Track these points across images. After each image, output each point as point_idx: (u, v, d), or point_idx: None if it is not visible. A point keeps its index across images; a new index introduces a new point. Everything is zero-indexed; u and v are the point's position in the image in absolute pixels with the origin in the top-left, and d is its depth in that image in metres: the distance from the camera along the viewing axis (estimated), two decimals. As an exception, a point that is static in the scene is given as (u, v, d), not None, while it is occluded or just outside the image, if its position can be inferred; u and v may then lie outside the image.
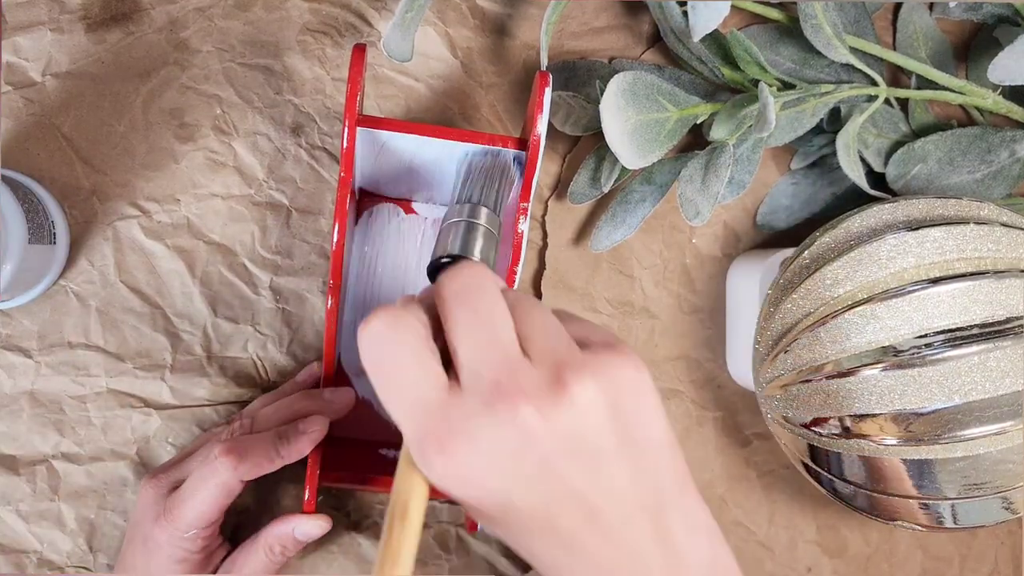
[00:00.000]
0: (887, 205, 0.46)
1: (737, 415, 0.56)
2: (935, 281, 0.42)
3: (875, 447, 0.44)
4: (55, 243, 0.50)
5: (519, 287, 0.48)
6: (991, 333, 0.42)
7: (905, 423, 0.42)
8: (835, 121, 0.53)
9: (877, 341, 0.43)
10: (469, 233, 0.40)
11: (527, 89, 0.54)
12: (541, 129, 0.44)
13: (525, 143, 0.45)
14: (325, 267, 0.53)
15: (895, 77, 0.55)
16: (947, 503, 0.44)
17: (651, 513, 0.32)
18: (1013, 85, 0.51)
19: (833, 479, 0.47)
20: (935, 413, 0.42)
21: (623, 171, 0.51)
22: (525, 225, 0.45)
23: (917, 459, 0.43)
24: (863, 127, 0.52)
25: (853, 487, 0.46)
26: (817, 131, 0.53)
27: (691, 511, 0.33)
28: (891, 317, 0.43)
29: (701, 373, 0.56)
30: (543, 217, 0.54)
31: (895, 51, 0.54)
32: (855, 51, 0.51)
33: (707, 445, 0.56)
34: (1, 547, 0.51)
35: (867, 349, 0.43)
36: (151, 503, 0.46)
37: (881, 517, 0.47)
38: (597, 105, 0.48)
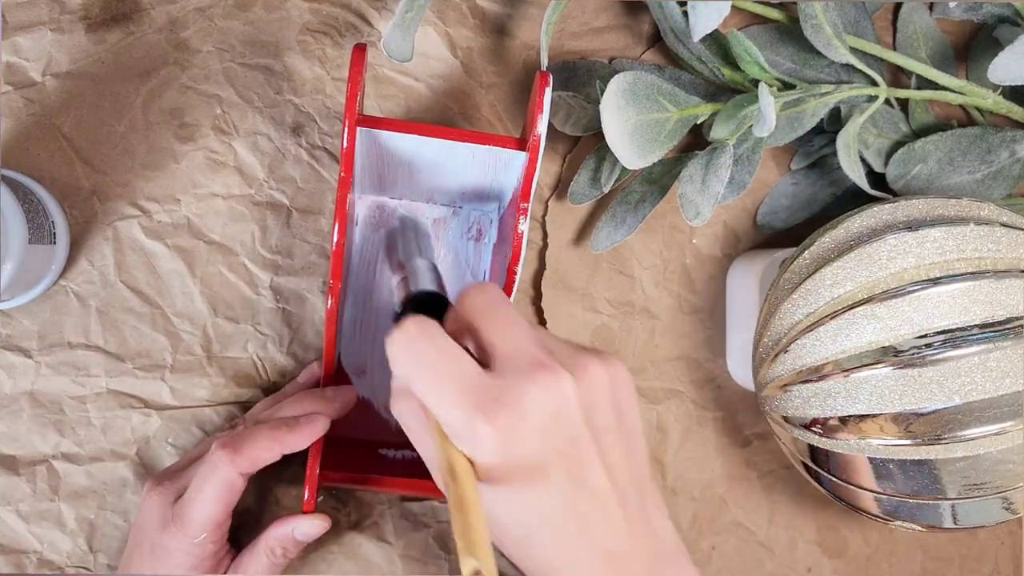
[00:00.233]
0: (887, 205, 0.46)
1: (737, 415, 0.56)
2: (935, 281, 0.42)
3: (875, 447, 0.44)
4: (55, 243, 0.50)
5: (519, 287, 0.48)
6: (991, 333, 0.42)
7: (905, 423, 0.42)
8: (835, 121, 0.53)
9: (877, 341, 0.43)
10: (432, 272, 0.45)
11: (527, 89, 0.54)
12: (541, 129, 0.44)
13: (525, 143, 0.45)
14: (325, 267, 0.53)
15: (895, 77, 0.55)
16: (947, 503, 0.44)
17: (636, 489, 0.36)
18: (1013, 85, 0.51)
19: (833, 479, 0.47)
20: (935, 413, 0.42)
21: (623, 171, 0.51)
22: (525, 225, 0.45)
23: (917, 459, 0.43)
24: (863, 127, 0.52)
25: (853, 487, 0.46)
26: (817, 131, 0.53)
27: (658, 495, 0.38)
28: (891, 317, 0.43)
29: (701, 373, 0.56)
30: (543, 217, 0.54)
31: (895, 51, 0.54)
32: (855, 51, 0.51)
33: (707, 445, 0.56)
34: (1, 547, 0.51)
35: (867, 349, 0.43)
36: (158, 511, 0.46)
37: (881, 517, 0.47)
38: (597, 105, 0.48)
